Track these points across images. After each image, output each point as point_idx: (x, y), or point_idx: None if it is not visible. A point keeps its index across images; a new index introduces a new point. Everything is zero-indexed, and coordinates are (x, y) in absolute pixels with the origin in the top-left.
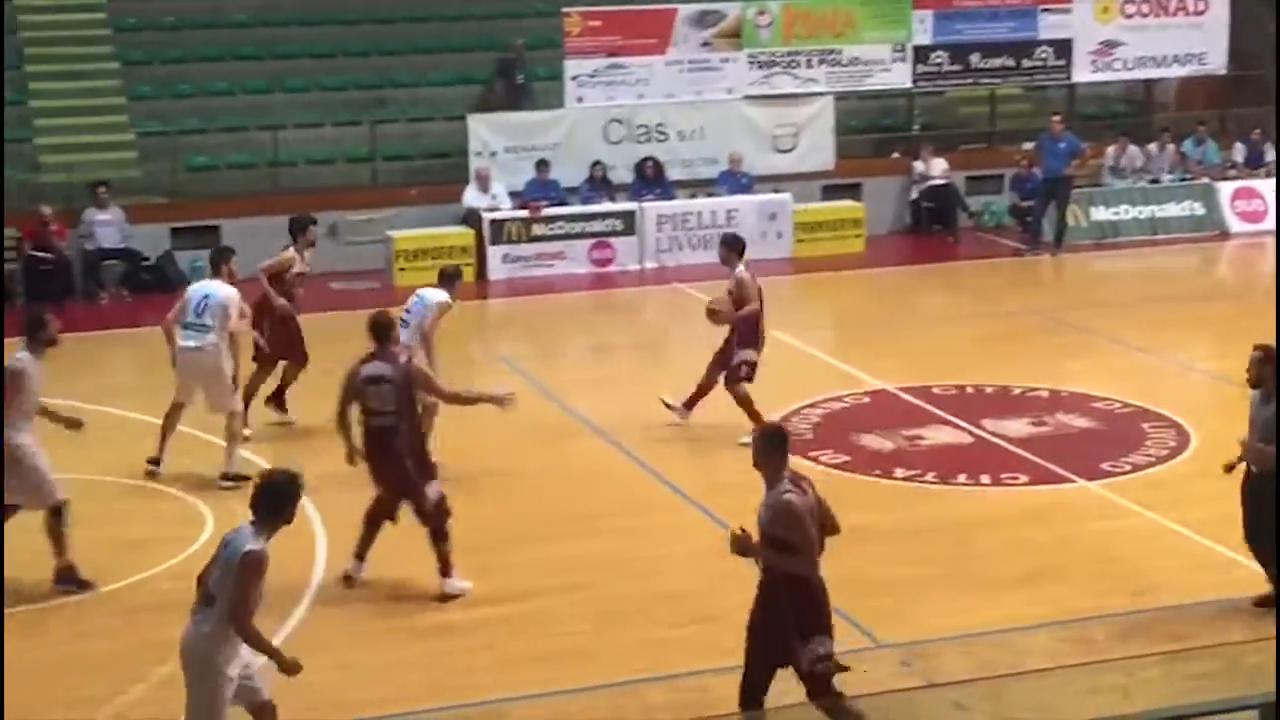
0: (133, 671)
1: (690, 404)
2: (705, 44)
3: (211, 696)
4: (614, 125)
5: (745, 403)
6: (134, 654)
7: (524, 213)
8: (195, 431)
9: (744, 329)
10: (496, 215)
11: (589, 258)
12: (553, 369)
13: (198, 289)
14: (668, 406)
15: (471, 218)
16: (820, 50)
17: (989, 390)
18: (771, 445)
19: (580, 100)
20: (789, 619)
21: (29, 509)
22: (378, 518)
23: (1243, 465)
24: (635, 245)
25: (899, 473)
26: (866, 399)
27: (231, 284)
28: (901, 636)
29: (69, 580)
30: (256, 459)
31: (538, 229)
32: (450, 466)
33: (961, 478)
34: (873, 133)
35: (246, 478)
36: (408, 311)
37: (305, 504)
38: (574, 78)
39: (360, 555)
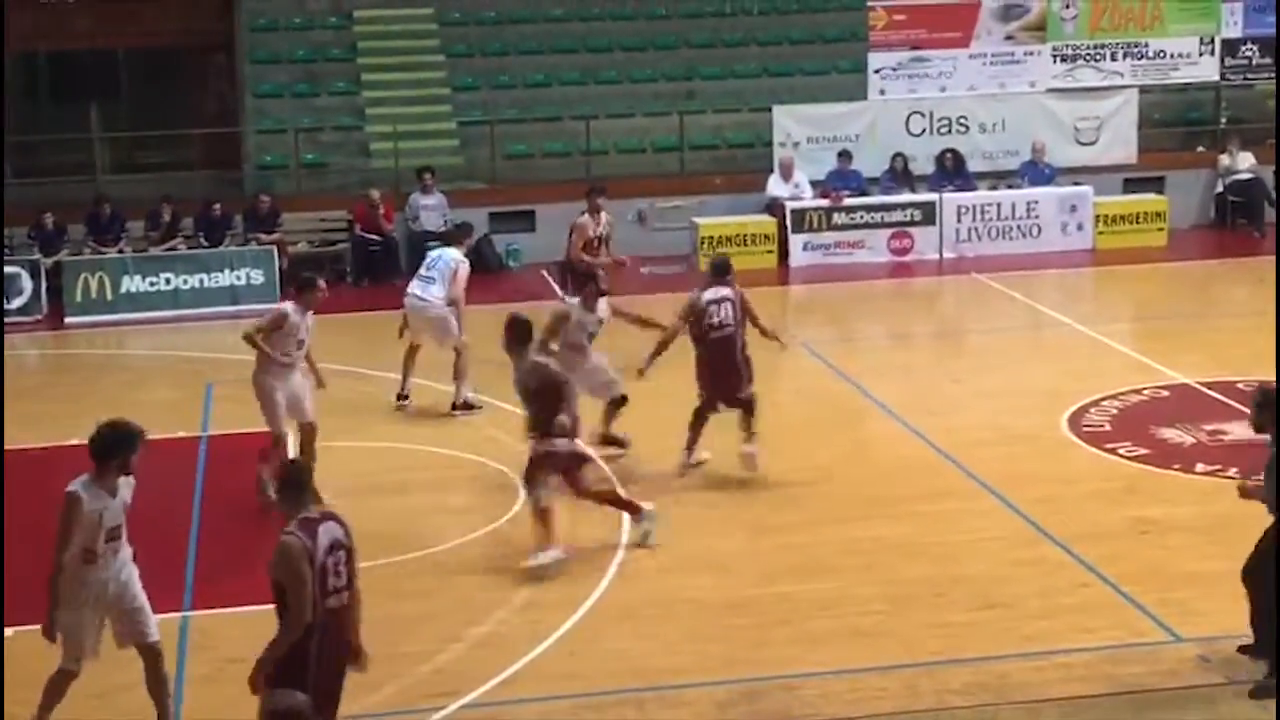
0: (449, 631)
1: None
2: (1009, 37)
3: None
4: (915, 117)
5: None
6: (450, 614)
7: (825, 202)
8: (506, 405)
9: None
10: (798, 204)
11: (888, 247)
12: (851, 354)
13: (435, 250)
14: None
15: (774, 206)
16: (1126, 43)
17: None
18: None
19: (883, 93)
20: None
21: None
22: (704, 416)
23: None
24: (934, 235)
25: (1200, 467)
26: (1166, 393)
27: (466, 255)
28: (1201, 632)
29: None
30: None
31: (838, 218)
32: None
33: None
34: (1177, 126)
35: (477, 407)
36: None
37: (612, 480)
38: (877, 70)
39: (690, 448)
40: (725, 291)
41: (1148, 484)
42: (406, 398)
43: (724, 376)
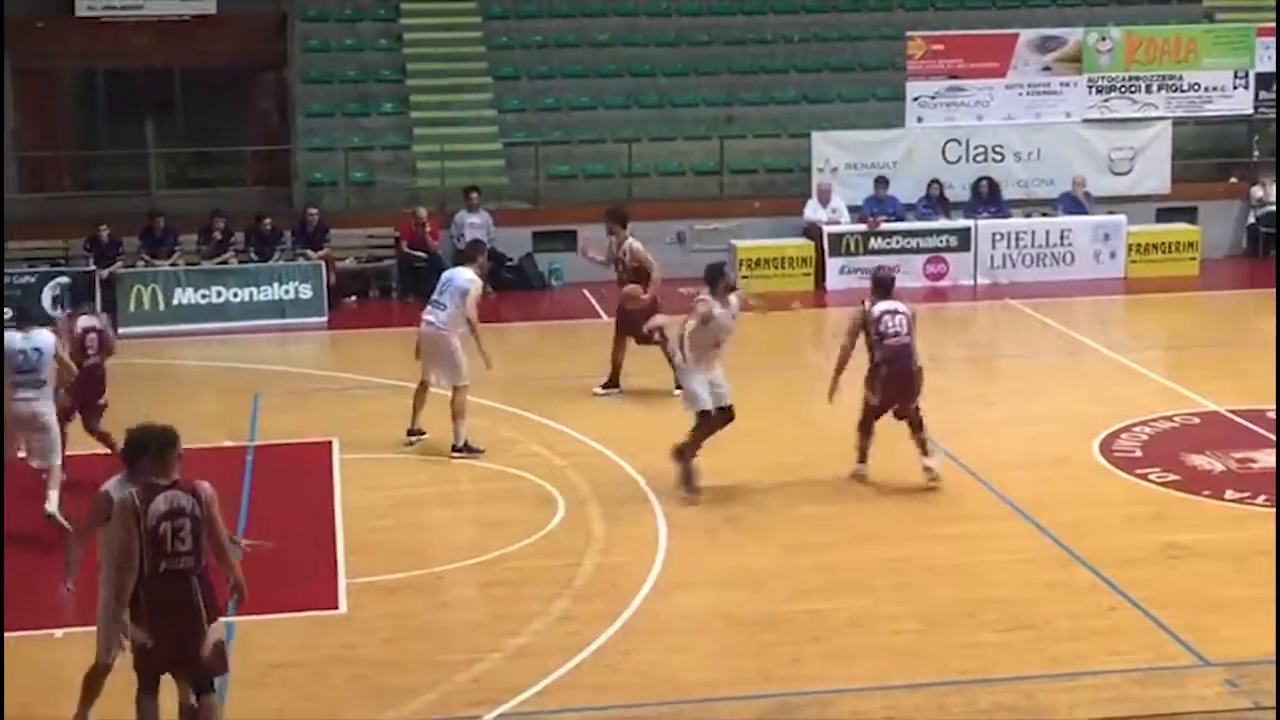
0: (488, 642)
1: (612, 384)
2: (1045, 68)
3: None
4: (952, 145)
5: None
6: (489, 625)
7: (862, 227)
8: (549, 422)
9: (651, 300)
10: (836, 229)
11: (923, 272)
12: None
13: (446, 272)
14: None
15: (812, 230)
16: (1160, 75)
17: None
18: None
19: (920, 120)
20: None
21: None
22: (871, 424)
23: None
24: (969, 261)
25: (1229, 494)
26: (1196, 420)
27: (481, 277)
28: (1229, 656)
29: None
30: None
31: (875, 242)
32: (789, 468)
33: None
34: (1211, 157)
35: (479, 450)
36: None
37: (649, 496)
38: (915, 99)
39: (863, 459)
40: (898, 305)
41: (1177, 509)
42: (420, 433)
43: (900, 384)
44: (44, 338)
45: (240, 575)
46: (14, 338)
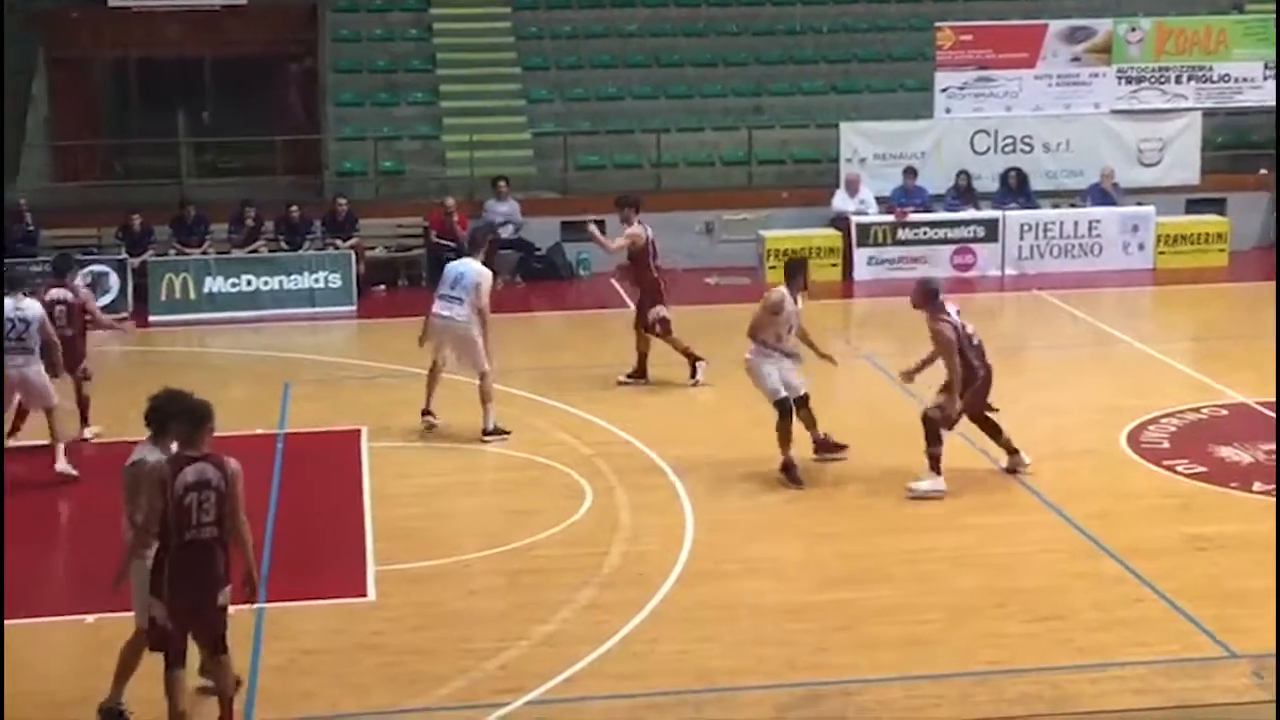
0: (516, 630)
1: (638, 375)
2: (1075, 59)
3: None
4: (980, 136)
5: (678, 347)
6: (517, 613)
7: (890, 217)
8: (577, 411)
9: (651, 290)
10: (863, 219)
11: (951, 262)
12: None
13: (454, 266)
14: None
15: (839, 220)
16: (1190, 66)
17: None
18: None
19: (949, 111)
20: None
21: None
22: (985, 416)
23: None
24: (997, 252)
25: (1257, 486)
26: (1224, 411)
27: (490, 267)
28: (1256, 648)
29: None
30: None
31: (903, 233)
32: (816, 460)
33: None
34: (1240, 149)
35: (506, 432)
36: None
37: (676, 485)
38: (943, 90)
39: (1011, 450)
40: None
41: (1204, 501)
42: (433, 415)
43: (987, 391)
44: (33, 308)
45: (254, 562)
46: (8, 305)
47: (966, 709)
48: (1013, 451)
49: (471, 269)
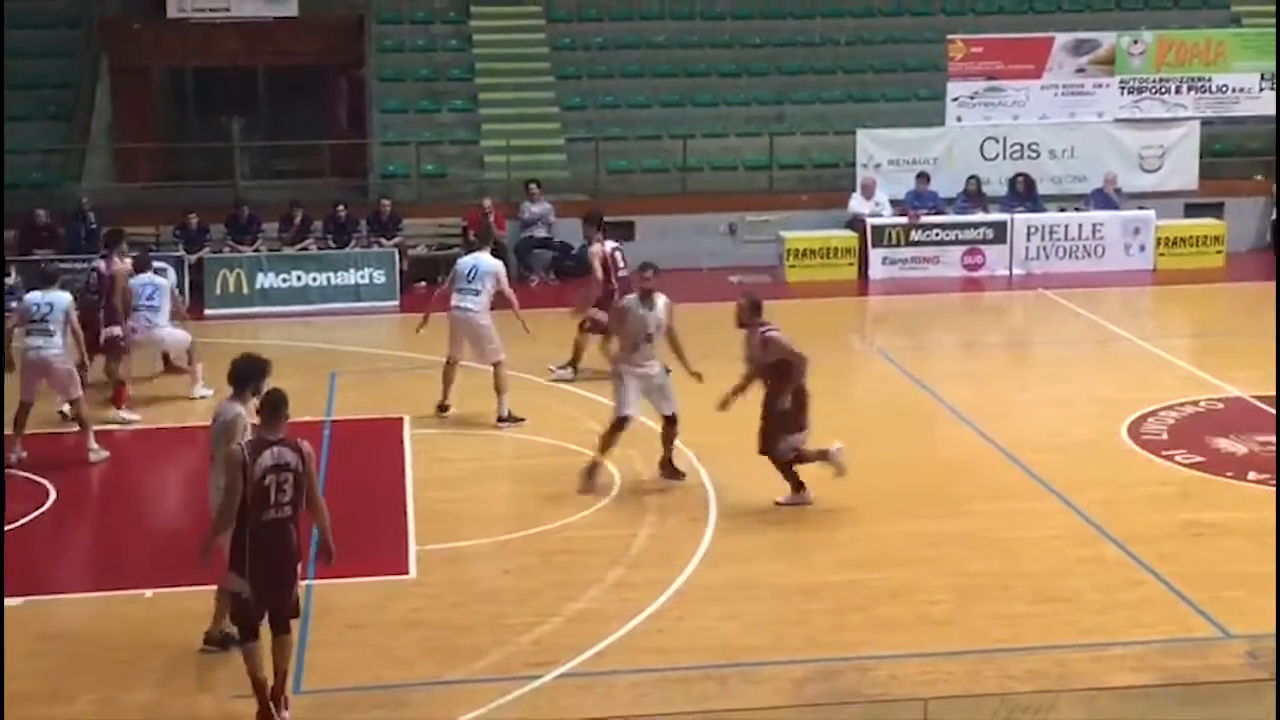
0: (548, 606)
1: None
2: (1080, 70)
3: None
4: (990, 143)
5: (581, 346)
6: (549, 591)
7: (904, 220)
8: (601, 399)
9: (602, 300)
10: (878, 221)
11: (962, 262)
12: (925, 362)
13: (467, 260)
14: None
15: (856, 222)
16: (1190, 78)
17: None
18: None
19: (959, 119)
20: None
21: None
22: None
23: None
24: (1005, 253)
25: (1251, 475)
26: (1221, 405)
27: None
28: (1250, 629)
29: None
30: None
31: (916, 235)
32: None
33: None
34: (1237, 156)
35: (521, 419)
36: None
37: (699, 471)
38: (955, 99)
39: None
40: None
41: (1202, 490)
42: (447, 408)
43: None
44: (60, 296)
45: (330, 534)
46: (34, 294)
47: (974, 685)
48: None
49: (485, 261)
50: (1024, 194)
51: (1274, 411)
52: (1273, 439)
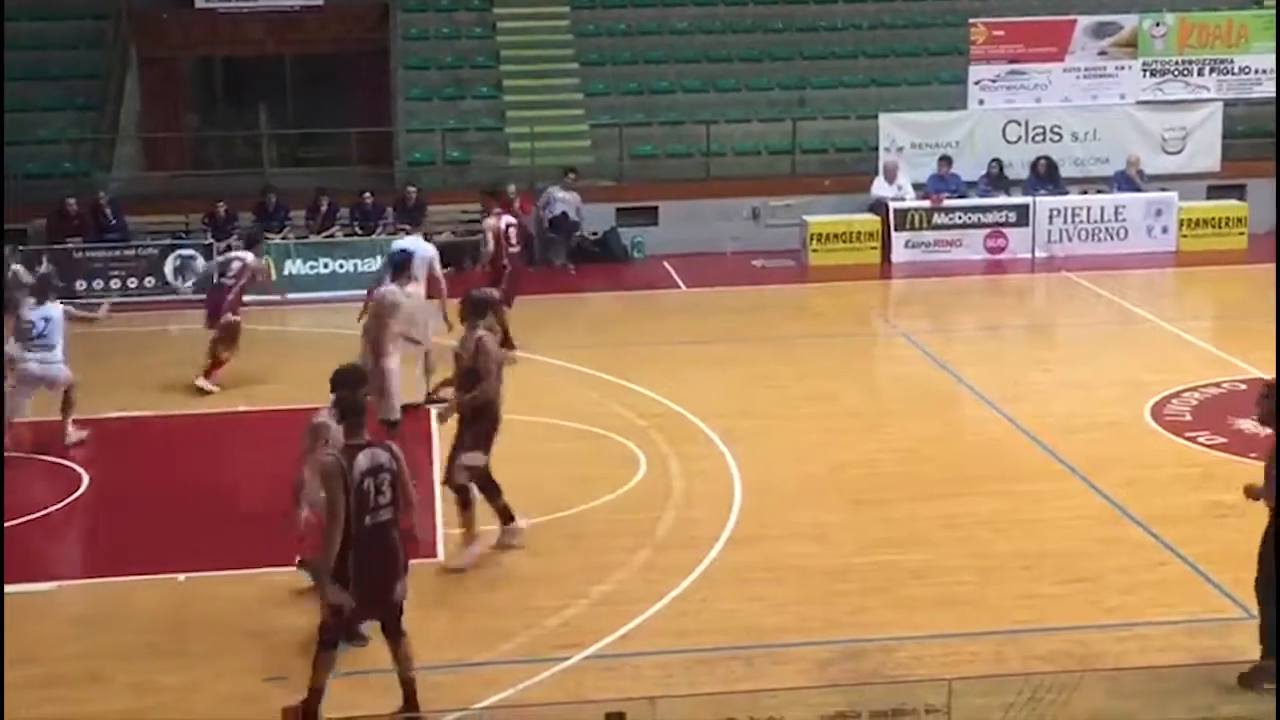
0: (575, 589)
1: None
2: (1102, 53)
3: None
4: (1012, 126)
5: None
6: (576, 573)
7: (926, 203)
8: (632, 385)
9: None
10: (901, 205)
11: (984, 245)
12: (948, 344)
13: (405, 247)
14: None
15: (878, 206)
16: (1212, 59)
17: None
18: None
19: (981, 103)
20: None
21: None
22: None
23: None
24: (1028, 236)
25: None
26: (1243, 386)
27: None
28: None
29: None
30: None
31: (938, 218)
32: (856, 430)
33: None
34: (1259, 137)
35: (445, 401)
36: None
37: (725, 454)
38: (977, 82)
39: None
40: None
41: (1224, 471)
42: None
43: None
44: (53, 310)
45: (417, 525)
46: (32, 312)
47: (998, 665)
48: (508, 519)
49: (424, 247)
50: (1046, 177)
51: None
52: None
